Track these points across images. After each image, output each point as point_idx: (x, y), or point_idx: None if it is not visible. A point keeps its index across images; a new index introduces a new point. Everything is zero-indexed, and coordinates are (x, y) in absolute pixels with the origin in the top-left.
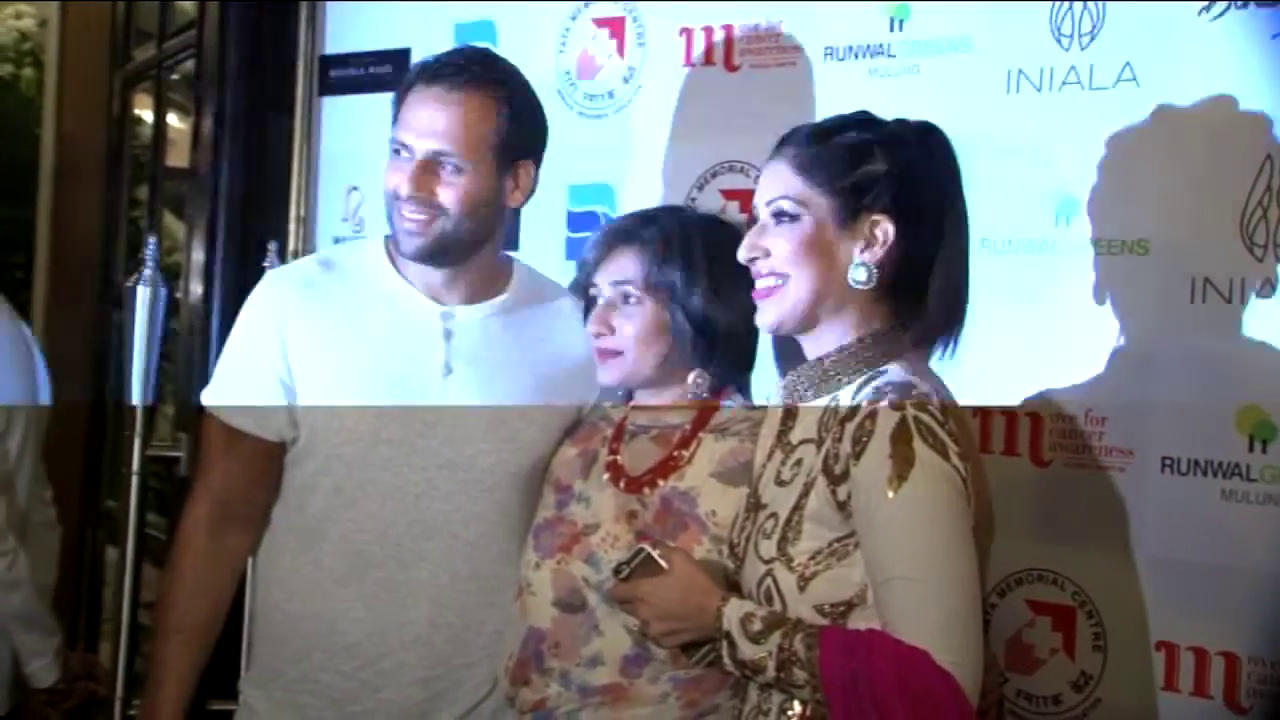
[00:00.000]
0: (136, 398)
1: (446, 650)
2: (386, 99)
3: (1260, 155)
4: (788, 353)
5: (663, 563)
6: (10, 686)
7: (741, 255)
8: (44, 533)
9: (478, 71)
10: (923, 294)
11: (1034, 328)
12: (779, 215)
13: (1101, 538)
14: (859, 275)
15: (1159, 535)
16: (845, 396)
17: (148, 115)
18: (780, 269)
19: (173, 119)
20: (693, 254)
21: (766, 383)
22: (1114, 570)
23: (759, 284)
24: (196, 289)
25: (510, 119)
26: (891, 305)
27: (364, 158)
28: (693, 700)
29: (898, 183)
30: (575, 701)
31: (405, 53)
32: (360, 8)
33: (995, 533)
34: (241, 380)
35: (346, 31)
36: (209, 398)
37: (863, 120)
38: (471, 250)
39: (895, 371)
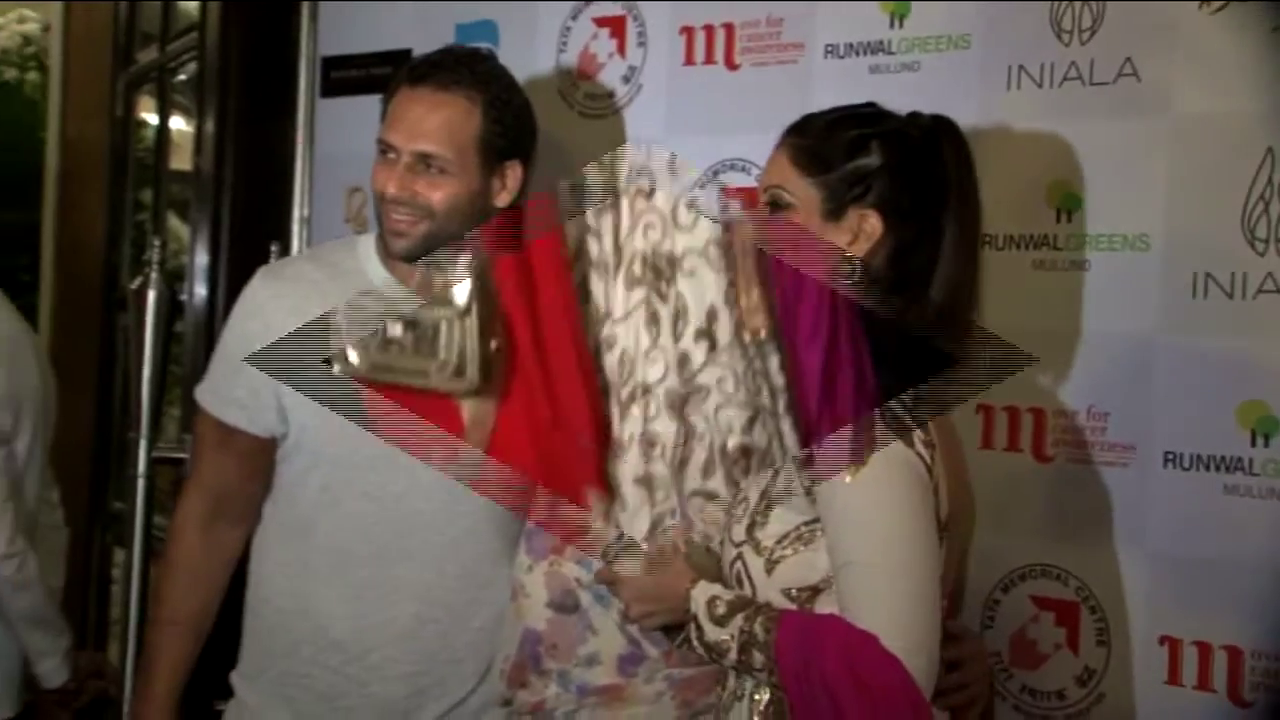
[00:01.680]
0: (143, 400)
1: (433, 646)
2: None
3: (1261, 149)
4: None
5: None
6: (21, 687)
7: None
8: (52, 534)
9: (463, 72)
10: (918, 289)
11: (1035, 323)
12: (773, 204)
13: (1104, 533)
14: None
15: (1162, 530)
16: None
17: (151, 118)
18: None
19: (176, 121)
20: None
21: None
22: (1117, 565)
23: None
24: (201, 291)
25: (496, 119)
26: (878, 299)
27: (366, 158)
28: (687, 700)
29: (891, 177)
30: (573, 702)
31: (406, 54)
32: (362, 9)
33: (998, 529)
34: (233, 376)
35: (348, 33)
36: (201, 394)
37: (867, 113)
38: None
39: None
